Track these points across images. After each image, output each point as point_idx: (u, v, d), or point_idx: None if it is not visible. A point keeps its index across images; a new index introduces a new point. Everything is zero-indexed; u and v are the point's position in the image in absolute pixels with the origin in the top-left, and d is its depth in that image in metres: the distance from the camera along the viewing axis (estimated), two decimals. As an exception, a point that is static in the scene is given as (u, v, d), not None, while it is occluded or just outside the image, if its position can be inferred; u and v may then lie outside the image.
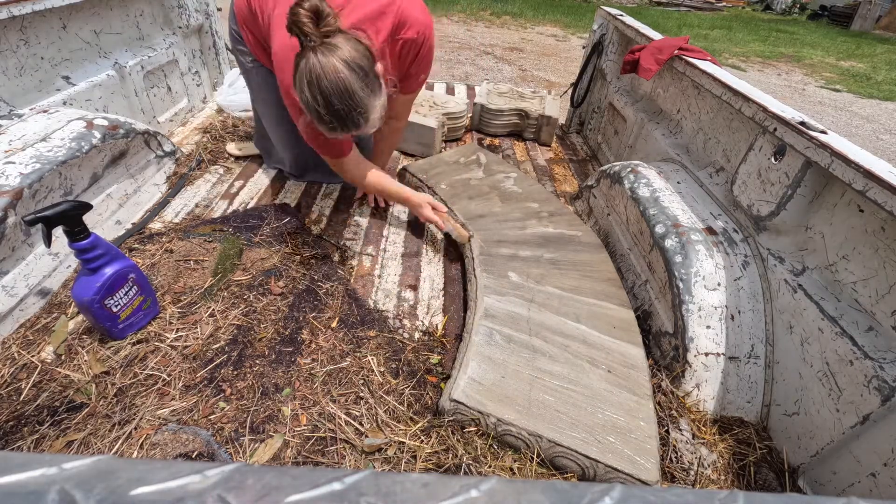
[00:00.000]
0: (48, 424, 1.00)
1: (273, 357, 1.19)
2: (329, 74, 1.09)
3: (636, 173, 1.58)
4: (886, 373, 0.89)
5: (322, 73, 1.09)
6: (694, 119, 1.73)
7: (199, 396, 1.08)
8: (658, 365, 1.26)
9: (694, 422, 1.14)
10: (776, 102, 1.28)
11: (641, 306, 1.41)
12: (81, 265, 1.07)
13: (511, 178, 1.89)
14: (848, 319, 1.00)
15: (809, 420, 1.05)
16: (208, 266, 1.44)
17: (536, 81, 5.73)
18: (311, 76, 1.10)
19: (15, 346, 1.15)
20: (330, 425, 1.05)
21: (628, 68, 1.91)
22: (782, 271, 1.18)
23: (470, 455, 0.99)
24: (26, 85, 1.57)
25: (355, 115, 1.15)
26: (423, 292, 1.49)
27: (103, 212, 1.54)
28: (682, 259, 1.25)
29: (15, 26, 1.49)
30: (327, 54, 1.09)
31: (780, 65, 7.89)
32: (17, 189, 1.21)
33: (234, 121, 2.38)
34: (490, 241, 1.54)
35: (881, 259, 0.99)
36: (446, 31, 7.94)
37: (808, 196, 1.17)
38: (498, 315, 1.25)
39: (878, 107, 6.04)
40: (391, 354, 1.24)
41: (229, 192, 1.86)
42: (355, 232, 1.73)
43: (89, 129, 1.47)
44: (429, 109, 2.36)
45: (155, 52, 2.10)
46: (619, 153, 2.23)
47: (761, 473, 1.07)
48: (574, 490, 0.22)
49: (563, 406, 1.04)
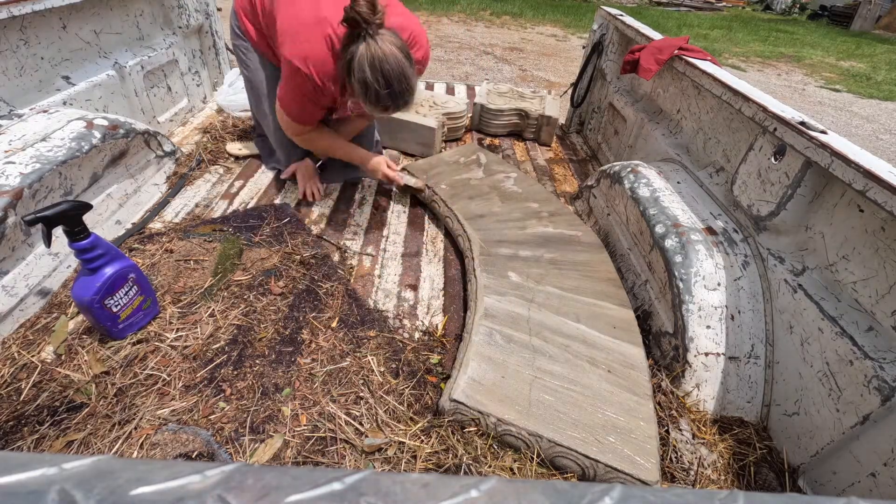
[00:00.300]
0: (48, 424, 1.00)
1: (273, 357, 1.19)
2: (390, 59, 1.25)
3: (636, 173, 1.58)
4: (886, 373, 0.89)
5: (384, 57, 1.24)
6: (694, 119, 1.73)
7: (199, 396, 1.08)
8: (658, 365, 1.26)
9: (694, 422, 1.14)
10: (776, 102, 1.28)
11: (641, 306, 1.41)
12: (81, 265, 1.07)
13: (511, 178, 1.89)
14: (848, 319, 1.00)
15: (809, 420, 1.05)
16: (208, 266, 1.44)
17: (536, 81, 5.73)
18: (374, 60, 1.24)
19: (15, 346, 1.15)
20: (330, 425, 1.05)
21: (628, 68, 1.91)
22: (782, 271, 1.18)
23: (470, 455, 0.99)
24: (26, 85, 1.57)
25: (407, 96, 1.33)
26: (423, 292, 1.49)
27: (103, 212, 1.54)
28: (682, 259, 1.25)
29: (15, 26, 1.49)
30: (386, 42, 1.25)
31: (780, 65, 7.89)
32: (17, 189, 1.21)
33: (234, 121, 2.38)
34: (490, 241, 1.54)
35: (881, 259, 0.98)
36: (446, 31, 7.93)
37: (808, 196, 1.17)
38: (498, 315, 1.25)
39: (877, 107, 6.05)
40: (391, 354, 1.24)
41: (229, 192, 1.86)
42: (355, 232, 1.73)
43: (89, 129, 1.47)
44: (428, 109, 2.36)
45: (155, 52, 2.10)
46: (619, 153, 2.23)
47: (761, 473, 1.07)
48: (574, 490, 0.22)
49: (563, 406, 1.04)
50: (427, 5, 9.83)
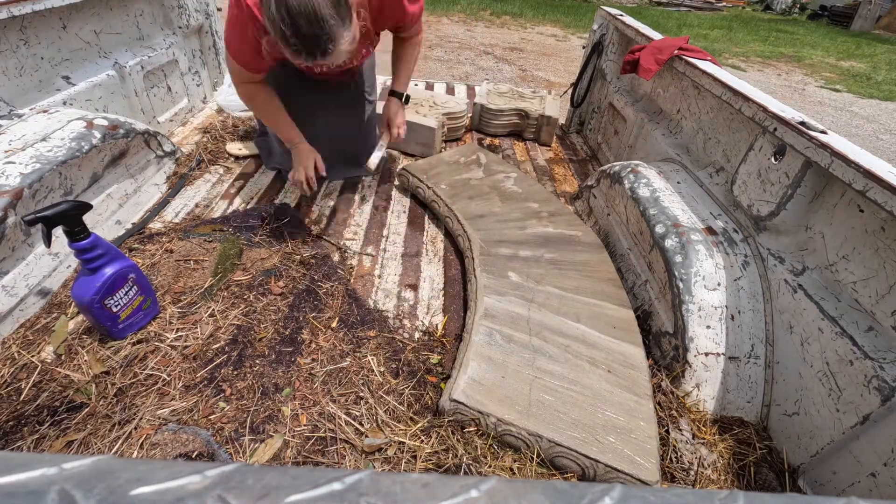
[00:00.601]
0: (48, 424, 1.00)
1: (273, 357, 1.19)
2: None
3: (636, 173, 1.58)
4: (886, 373, 0.89)
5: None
6: (694, 119, 1.73)
7: (199, 396, 1.08)
8: (658, 365, 1.26)
9: (694, 422, 1.14)
10: (776, 102, 1.28)
11: (641, 306, 1.41)
12: (81, 265, 1.07)
13: (511, 178, 1.89)
14: (848, 319, 1.00)
15: (809, 420, 1.05)
16: (208, 266, 1.44)
17: (536, 81, 5.73)
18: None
19: (15, 346, 1.15)
20: (330, 425, 1.05)
21: (628, 68, 1.91)
22: (782, 271, 1.18)
23: (470, 455, 0.99)
24: (26, 85, 1.57)
25: (323, 42, 1.12)
26: (423, 292, 1.49)
27: (103, 212, 1.54)
28: (682, 259, 1.25)
29: (15, 26, 1.49)
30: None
31: (780, 65, 7.89)
32: (17, 189, 1.21)
33: (234, 121, 2.38)
34: (490, 241, 1.54)
35: (881, 259, 0.98)
36: (446, 32, 7.94)
37: (808, 196, 1.17)
38: (498, 315, 1.25)
39: (878, 107, 6.05)
40: (391, 354, 1.24)
41: (229, 192, 1.86)
42: (355, 232, 1.73)
43: (89, 129, 1.47)
44: (429, 109, 2.36)
45: (155, 52, 2.10)
46: (619, 153, 2.23)
47: (761, 473, 1.07)
48: (574, 490, 0.22)
49: (563, 406, 1.04)
50: (427, 5, 9.83)
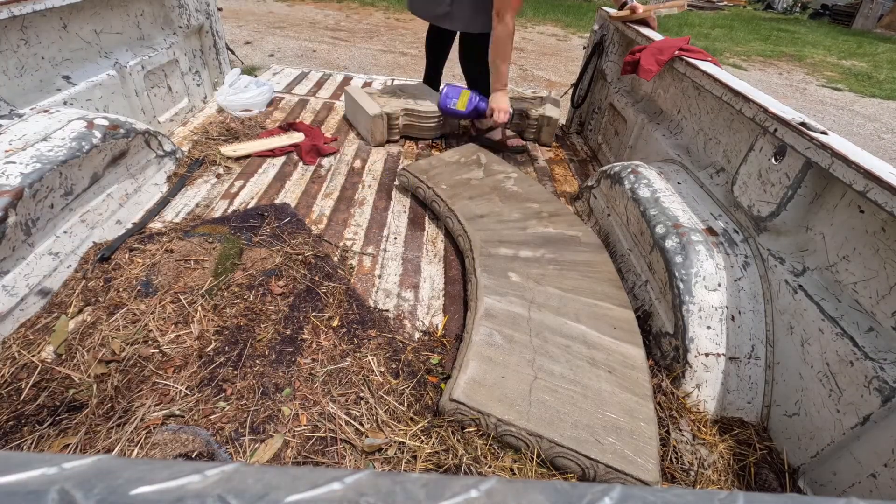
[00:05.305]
0: (48, 424, 1.00)
1: (273, 357, 1.19)
2: None
3: (636, 174, 1.57)
4: (887, 373, 0.89)
5: None
6: (694, 120, 1.72)
7: (199, 396, 1.08)
8: (658, 365, 1.26)
9: (694, 422, 1.14)
10: (776, 103, 1.28)
11: (642, 307, 1.41)
12: None
13: (511, 179, 1.89)
14: (848, 320, 1.00)
15: (810, 421, 1.05)
16: (208, 266, 1.44)
17: (537, 81, 5.73)
18: None
19: (15, 346, 1.15)
20: (330, 425, 1.05)
21: (629, 69, 1.91)
22: (783, 272, 1.18)
23: (470, 455, 0.99)
24: (27, 85, 1.58)
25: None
26: (424, 292, 1.49)
27: (103, 212, 1.54)
28: (683, 259, 1.25)
29: (15, 26, 1.50)
30: None
31: (781, 64, 7.89)
32: (18, 189, 1.21)
33: (234, 121, 2.38)
34: (490, 241, 1.54)
35: (881, 260, 0.98)
36: (447, 31, 7.91)
37: (808, 197, 1.17)
38: (498, 315, 1.25)
39: (879, 106, 6.04)
40: (391, 354, 1.24)
41: (229, 192, 1.86)
42: (355, 232, 1.73)
43: (90, 128, 1.47)
44: (404, 102, 2.35)
45: (155, 52, 2.10)
46: (619, 154, 2.23)
47: (761, 474, 1.07)
48: (574, 490, 0.22)
49: (564, 406, 1.04)
50: (427, 5, 9.79)
